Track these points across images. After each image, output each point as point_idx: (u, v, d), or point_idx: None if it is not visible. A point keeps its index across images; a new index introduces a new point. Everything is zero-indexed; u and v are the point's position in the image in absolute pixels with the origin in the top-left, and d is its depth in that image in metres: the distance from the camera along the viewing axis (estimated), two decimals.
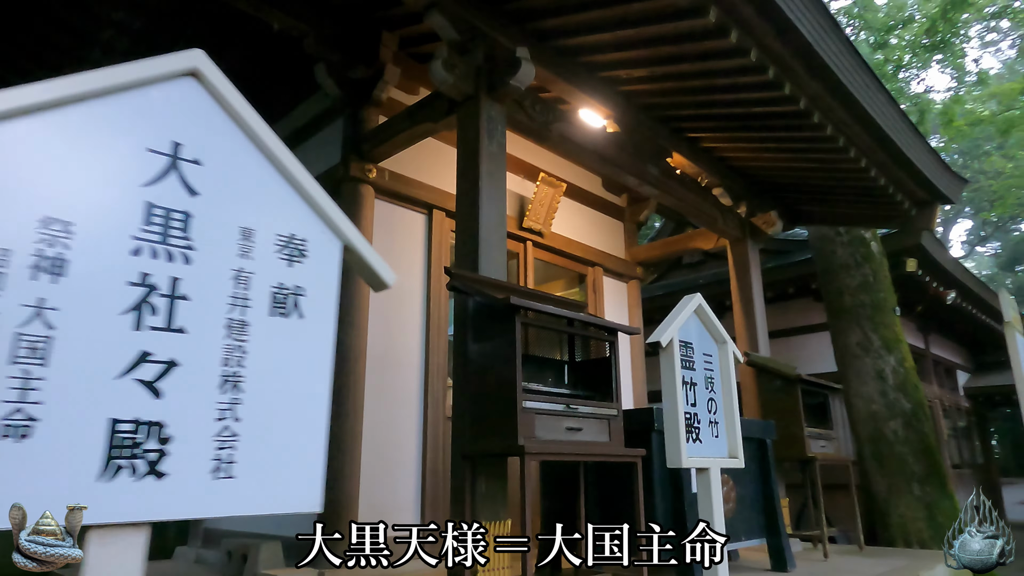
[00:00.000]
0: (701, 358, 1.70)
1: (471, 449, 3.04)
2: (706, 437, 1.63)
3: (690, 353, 1.67)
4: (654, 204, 7.07)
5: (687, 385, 1.62)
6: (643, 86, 4.69)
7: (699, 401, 1.65)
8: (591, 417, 3.18)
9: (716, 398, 1.72)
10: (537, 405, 2.94)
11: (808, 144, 5.01)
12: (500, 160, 3.77)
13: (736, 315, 6.09)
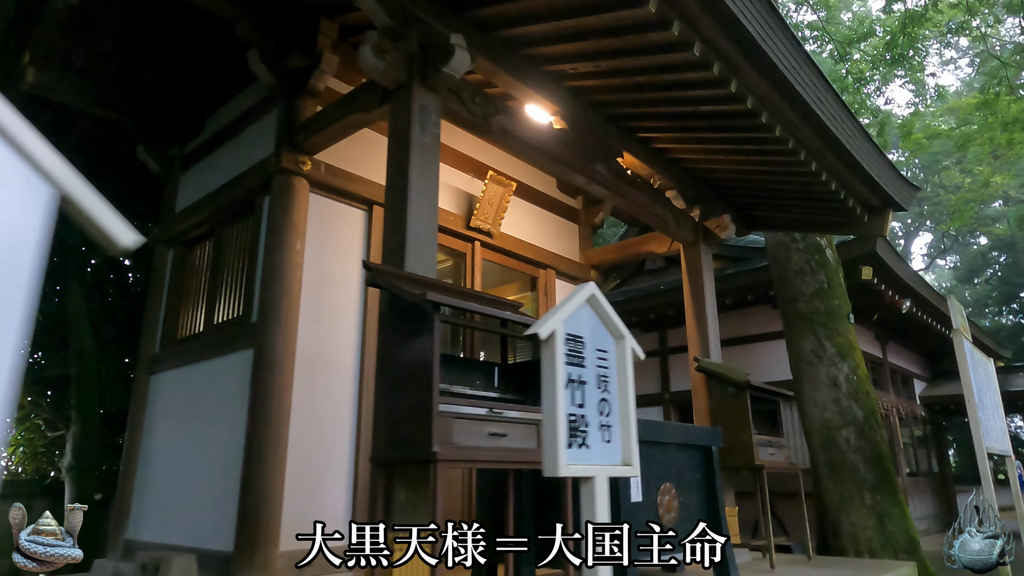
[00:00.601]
0: (593, 354, 1.53)
1: (387, 456, 2.84)
2: (595, 442, 1.46)
3: (579, 348, 1.50)
4: (609, 207, 6.95)
5: (574, 384, 1.45)
6: (590, 82, 4.55)
7: (588, 402, 1.48)
8: (518, 422, 3.01)
9: (610, 399, 1.55)
10: (455, 409, 2.75)
11: (759, 146, 4.93)
12: (433, 152, 3.59)
13: (688, 320, 5.98)
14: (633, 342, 1.66)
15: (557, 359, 1.40)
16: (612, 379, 1.55)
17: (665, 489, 4.09)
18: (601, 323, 1.57)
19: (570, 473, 1.36)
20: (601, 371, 1.53)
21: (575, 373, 1.47)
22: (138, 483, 5.08)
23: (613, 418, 1.53)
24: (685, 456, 4.36)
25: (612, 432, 1.52)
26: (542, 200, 6.56)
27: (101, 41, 5.21)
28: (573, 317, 1.48)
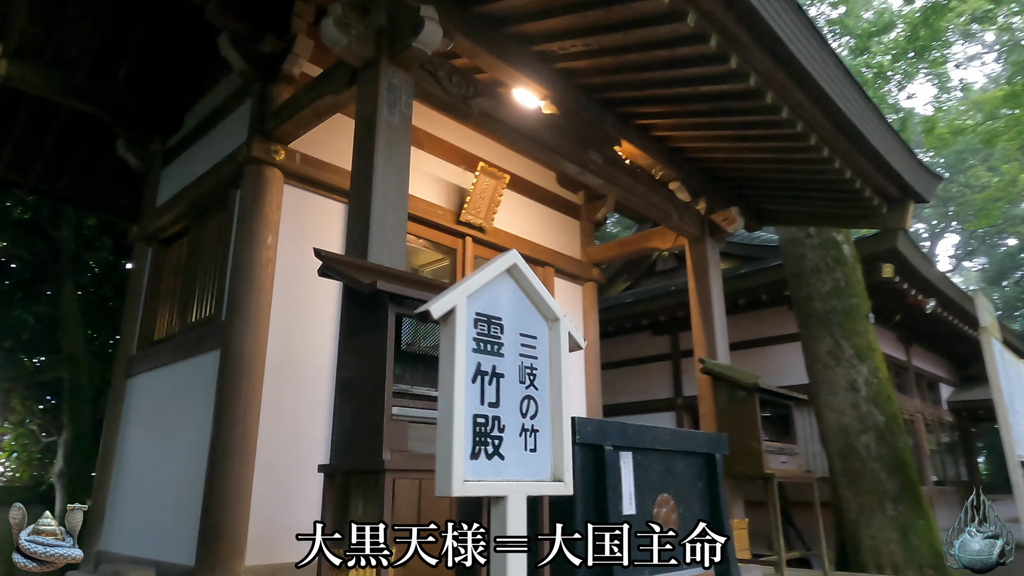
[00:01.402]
0: (515, 340, 1.23)
1: (337, 466, 2.54)
2: (513, 451, 1.16)
3: (495, 332, 1.19)
4: (612, 202, 6.63)
5: (485, 377, 1.15)
6: (580, 62, 4.25)
7: (505, 400, 1.17)
8: None
9: (537, 397, 1.25)
10: (412, 412, 2.46)
11: (765, 131, 4.58)
12: (403, 134, 3.31)
13: (694, 319, 5.63)
14: (571, 326, 1.35)
15: (457, 345, 1.10)
16: (542, 372, 1.25)
17: (662, 500, 3.75)
18: (529, 302, 1.27)
19: (469, 492, 1.06)
20: (526, 362, 1.23)
21: (488, 363, 1.16)
22: (111, 491, 4.85)
23: (541, 420, 1.23)
24: (685, 464, 4.02)
25: (539, 438, 1.22)
26: (540, 195, 6.26)
27: (74, 31, 5.02)
28: (486, 292, 1.18)
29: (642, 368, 10.88)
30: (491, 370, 1.16)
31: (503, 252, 4.56)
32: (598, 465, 3.36)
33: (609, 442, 3.45)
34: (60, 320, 7.93)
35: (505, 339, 1.22)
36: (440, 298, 1.11)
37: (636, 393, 10.72)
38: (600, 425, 3.47)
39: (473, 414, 1.11)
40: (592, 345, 6.31)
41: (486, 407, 1.14)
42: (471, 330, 1.16)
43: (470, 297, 1.15)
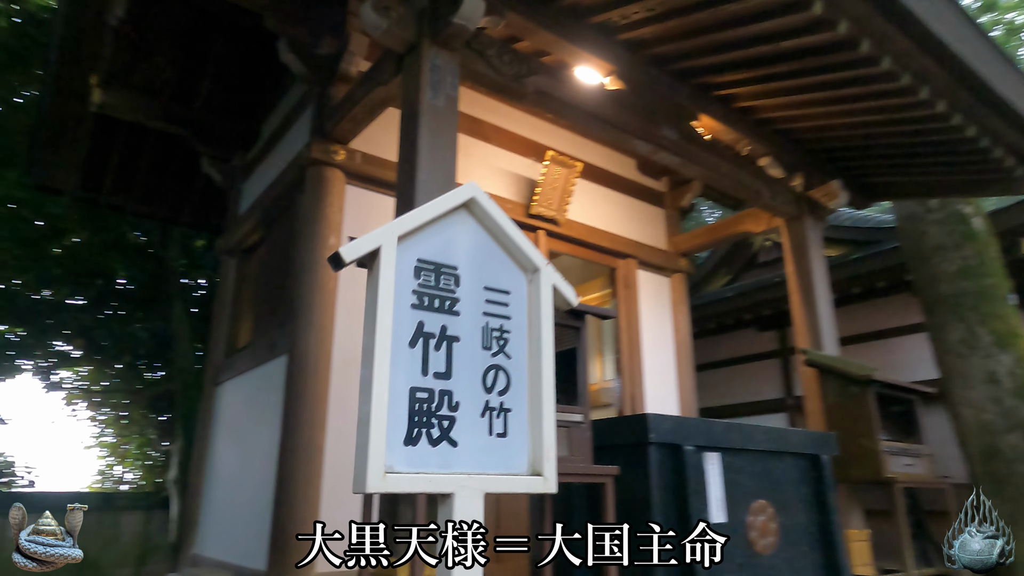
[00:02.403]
0: (476, 295, 0.96)
1: None
2: (470, 436, 0.89)
3: (446, 284, 0.94)
4: (698, 187, 6.18)
5: (429, 339, 0.90)
6: (645, 30, 3.91)
7: (460, 370, 0.91)
8: None
9: (510, 368, 0.98)
10: None
11: (864, 88, 4.04)
12: (449, 117, 3.14)
13: (794, 307, 5.09)
14: (557, 277, 1.07)
15: (382, 297, 0.86)
16: (516, 336, 0.99)
17: (758, 507, 3.32)
18: (498, 247, 1.01)
19: (394, 487, 0.81)
20: (493, 322, 0.97)
21: (434, 322, 0.92)
22: (204, 496, 4.99)
23: (514, 397, 0.96)
24: (785, 467, 3.56)
25: (511, 420, 0.95)
26: (619, 183, 5.92)
27: (157, 56, 5.26)
28: (433, 235, 0.93)
29: (747, 367, 10.16)
30: (439, 331, 0.92)
31: (579, 244, 4.28)
32: (677, 467, 3.01)
33: (690, 441, 3.08)
34: (171, 335, 8.42)
35: (462, 293, 0.96)
36: (363, 240, 0.88)
37: (741, 394, 10.03)
38: (678, 422, 3.11)
39: (411, 387, 0.87)
40: (684, 342, 5.87)
41: (430, 378, 0.89)
42: (409, 280, 0.92)
43: (406, 239, 0.91)
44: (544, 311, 1.06)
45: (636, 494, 2.91)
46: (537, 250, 1.13)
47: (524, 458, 1.00)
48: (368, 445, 0.85)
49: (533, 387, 1.02)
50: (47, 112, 5.47)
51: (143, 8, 4.85)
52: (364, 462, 0.85)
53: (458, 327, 0.98)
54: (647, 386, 5.43)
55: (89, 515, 5.23)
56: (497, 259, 1.04)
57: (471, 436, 0.94)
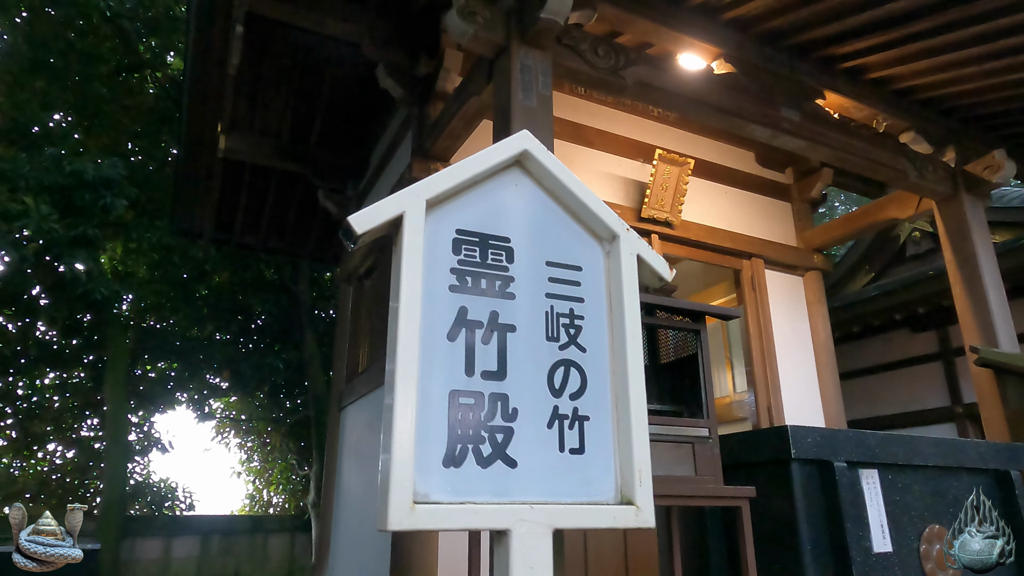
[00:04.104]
0: (537, 272, 0.75)
1: None
2: (533, 453, 0.68)
3: (496, 259, 0.73)
4: (829, 174, 5.60)
5: (475, 329, 0.69)
6: (753, 5, 3.57)
7: (518, 367, 0.70)
8: (659, 440, 2.18)
9: (585, 364, 0.75)
10: None
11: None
12: (542, 116, 2.97)
13: (958, 300, 4.41)
14: (641, 244, 0.83)
15: (406, 278, 0.67)
16: (594, 322, 0.76)
17: (932, 534, 2.81)
18: (563, 211, 0.79)
19: (425, 523, 0.62)
20: (560, 305, 0.76)
21: (482, 308, 0.71)
22: (334, 521, 5.08)
23: (593, 402, 0.73)
24: (963, 486, 3.00)
25: (589, 432, 0.72)
26: (738, 178, 5.49)
27: (272, 99, 5.54)
28: (477, 199, 0.73)
29: (901, 373, 9.09)
30: (488, 319, 0.72)
31: (698, 246, 3.94)
32: (827, 487, 2.60)
33: (841, 456, 2.66)
34: (304, 364, 8.84)
35: (517, 270, 0.76)
36: (380, 207, 0.70)
37: (896, 404, 8.98)
38: (826, 435, 2.70)
39: (451, 390, 0.68)
40: (823, 346, 5.30)
41: (477, 379, 0.69)
42: (445, 256, 0.73)
43: (439, 205, 0.72)
44: (627, 289, 0.84)
45: (779, 519, 2.54)
46: (614, 213, 0.91)
47: (609, 481, 0.77)
48: (391, 469, 0.67)
49: (618, 388, 0.79)
50: (183, 162, 5.93)
51: (257, 55, 5.13)
52: (386, 491, 0.67)
53: (513, 313, 0.77)
54: (785, 397, 4.92)
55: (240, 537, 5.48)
56: (563, 226, 0.83)
57: (535, 453, 0.73)
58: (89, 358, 7.94)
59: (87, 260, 6.50)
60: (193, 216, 6.50)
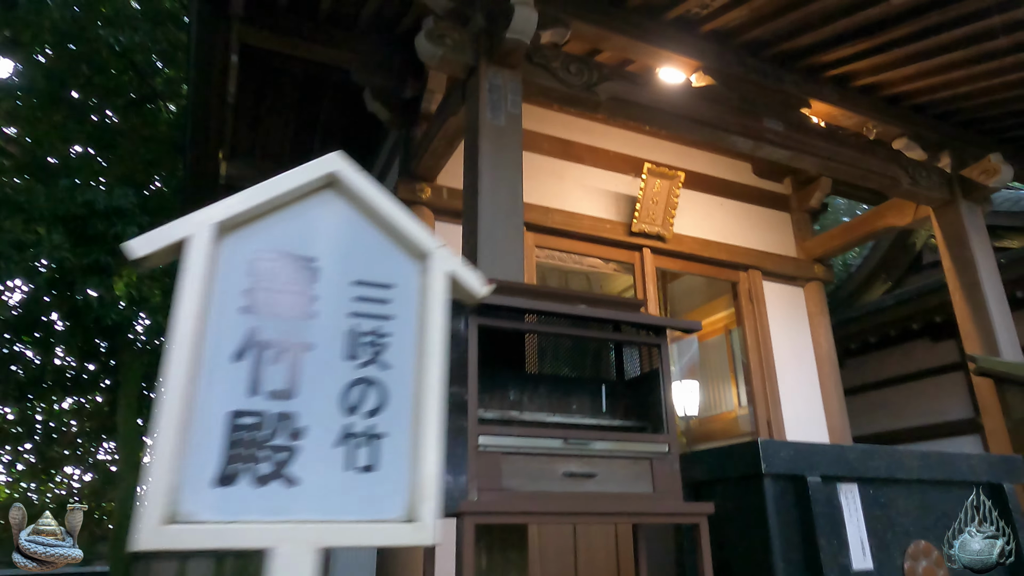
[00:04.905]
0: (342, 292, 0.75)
1: None
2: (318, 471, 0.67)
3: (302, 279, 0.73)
4: (828, 184, 5.52)
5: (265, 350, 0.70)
6: (731, 16, 3.58)
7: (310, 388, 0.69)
8: (615, 457, 2.15)
9: (389, 381, 0.74)
10: (505, 442, 2.03)
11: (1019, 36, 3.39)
12: (511, 135, 3.00)
13: (957, 305, 4.31)
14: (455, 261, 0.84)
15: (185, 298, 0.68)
16: (401, 342, 0.76)
17: (919, 550, 2.72)
18: (378, 232, 0.79)
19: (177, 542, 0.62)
20: (364, 324, 0.76)
21: (276, 328, 0.73)
22: None
23: (393, 419, 0.73)
24: (954, 500, 2.91)
25: (385, 449, 0.72)
26: (734, 190, 5.44)
27: (271, 125, 5.67)
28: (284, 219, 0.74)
29: (922, 384, 8.85)
30: (283, 339, 0.72)
31: (691, 260, 3.90)
32: (802, 503, 2.55)
33: (816, 471, 2.60)
34: None
35: (321, 290, 0.77)
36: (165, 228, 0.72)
37: (917, 416, 8.73)
38: (800, 449, 2.64)
39: (230, 410, 0.68)
40: (826, 358, 5.19)
41: (262, 398, 0.70)
42: (238, 278, 0.74)
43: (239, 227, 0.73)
44: (433, 308, 0.84)
45: (753, 536, 2.49)
46: (429, 231, 0.92)
47: (400, 499, 0.77)
48: (148, 490, 0.67)
49: (421, 406, 0.79)
50: (186, 189, 6.07)
51: (255, 83, 5.26)
52: (141, 512, 0.67)
53: (312, 332, 0.78)
54: (786, 411, 4.82)
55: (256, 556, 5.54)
56: (376, 246, 0.84)
57: (321, 472, 0.73)
58: (106, 383, 8.11)
59: (99, 287, 6.67)
60: None
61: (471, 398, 2.01)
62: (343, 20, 4.23)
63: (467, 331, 2.07)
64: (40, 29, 7.31)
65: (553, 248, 4.51)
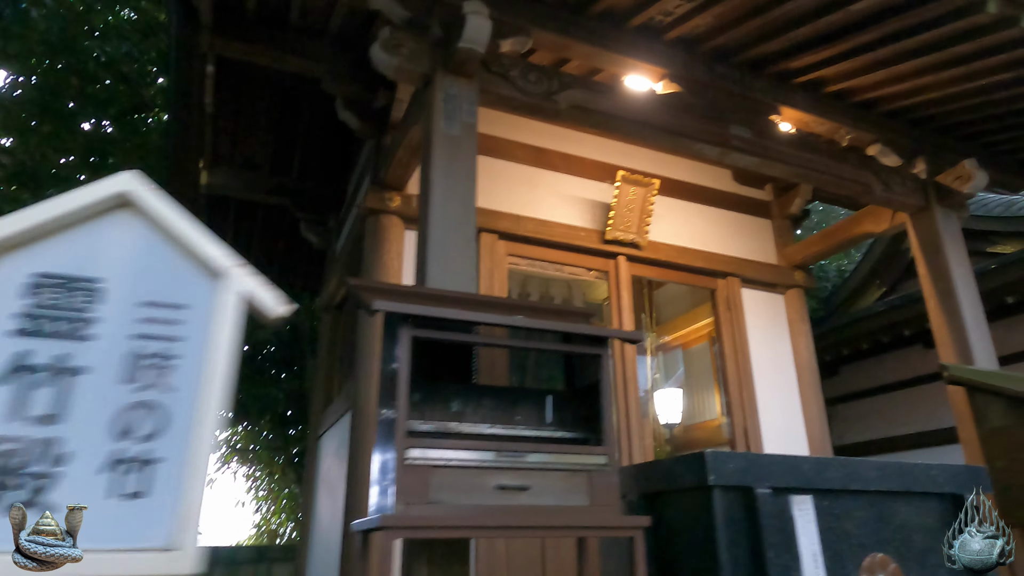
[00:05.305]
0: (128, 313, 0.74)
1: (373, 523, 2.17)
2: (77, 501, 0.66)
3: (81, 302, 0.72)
4: (808, 190, 5.49)
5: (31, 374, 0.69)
6: (696, 22, 3.56)
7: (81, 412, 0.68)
8: (551, 469, 2.13)
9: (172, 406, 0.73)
10: (434, 455, 2.01)
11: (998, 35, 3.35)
12: (466, 145, 2.99)
13: (932, 312, 4.27)
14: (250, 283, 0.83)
15: None
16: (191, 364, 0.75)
17: (876, 563, 2.67)
18: (173, 251, 0.79)
19: None
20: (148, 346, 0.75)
21: (49, 352, 0.71)
22: (309, 551, 5.07)
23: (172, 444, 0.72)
24: (915, 512, 2.86)
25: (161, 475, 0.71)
26: (713, 197, 5.41)
27: (253, 135, 5.68)
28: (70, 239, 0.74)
29: (916, 391, 8.76)
30: (54, 363, 0.71)
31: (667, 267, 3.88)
32: (751, 516, 2.51)
33: (766, 483, 2.56)
34: (306, 394, 8.92)
35: (105, 312, 0.75)
36: None
37: (912, 423, 8.65)
38: (750, 460, 2.60)
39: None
40: (806, 365, 5.14)
41: (24, 424, 0.68)
42: (12, 301, 0.72)
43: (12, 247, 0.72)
44: (221, 328, 0.82)
45: (702, 550, 2.45)
46: (225, 249, 0.90)
47: (167, 526, 0.75)
48: None
49: (199, 432, 0.78)
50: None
51: (233, 93, 5.27)
52: None
53: (88, 356, 0.77)
54: (764, 419, 4.78)
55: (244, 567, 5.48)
56: (170, 266, 0.83)
57: (80, 499, 0.72)
58: None
59: None
60: None
61: (400, 410, 1.99)
62: (313, 30, 4.24)
63: (399, 343, 2.06)
64: (28, 41, 7.37)
65: (525, 256, 4.49)
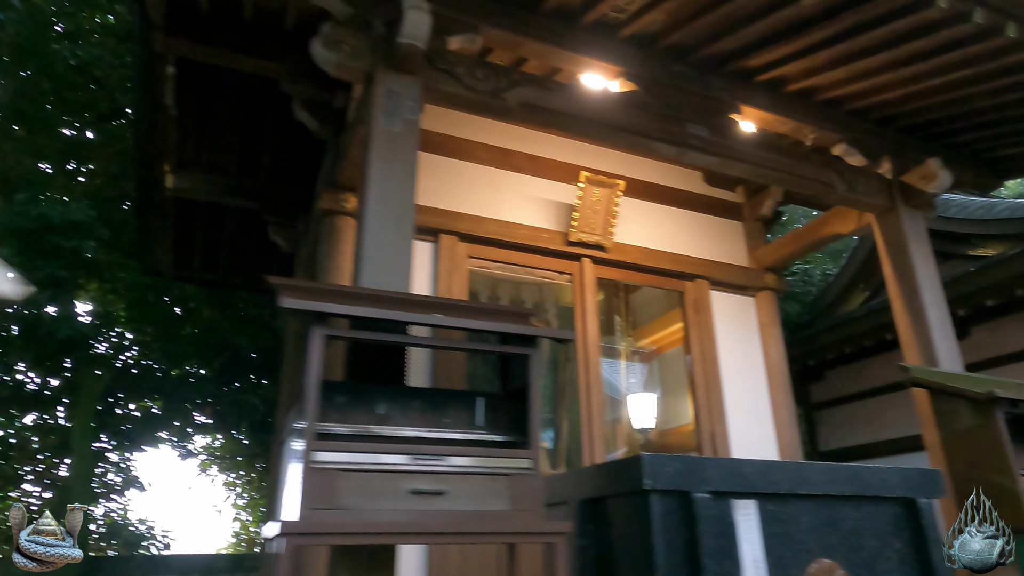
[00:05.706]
0: None
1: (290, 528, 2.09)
2: None
3: None
4: (779, 192, 5.44)
5: None
6: (649, 19, 3.51)
7: None
8: (470, 473, 2.06)
9: None
10: (343, 458, 1.94)
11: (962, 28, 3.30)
12: (407, 142, 2.93)
13: (897, 313, 4.21)
14: None
15: None
16: None
17: (822, 569, 2.59)
18: None
19: None
20: None
21: None
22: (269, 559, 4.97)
23: None
24: (865, 517, 2.78)
25: None
26: (683, 198, 5.36)
27: (219, 137, 5.62)
28: None
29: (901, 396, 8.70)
30: None
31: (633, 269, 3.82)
32: (689, 521, 2.43)
33: (705, 487, 2.48)
34: None
35: None
36: None
37: (895, 428, 8.57)
38: (691, 464, 2.51)
39: None
40: (777, 368, 5.07)
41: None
42: None
43: None
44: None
45: (639, 556, 2.37)
46: None
47: None
48: None
49: None
50: (138, 202, 6.02)
51: (198, 95, 5.21)
52: None
53: None
54: (732, 424, 4.71)
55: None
56: None
57: None
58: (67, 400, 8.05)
59: (53, 301, 6.61)
60: (152, 255, 6.58)
61: (309, 412, 1.92)
62: (269, 29, 4.18)
63: (311, 342, 1.99)
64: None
65: (487, 259, 4.43)
